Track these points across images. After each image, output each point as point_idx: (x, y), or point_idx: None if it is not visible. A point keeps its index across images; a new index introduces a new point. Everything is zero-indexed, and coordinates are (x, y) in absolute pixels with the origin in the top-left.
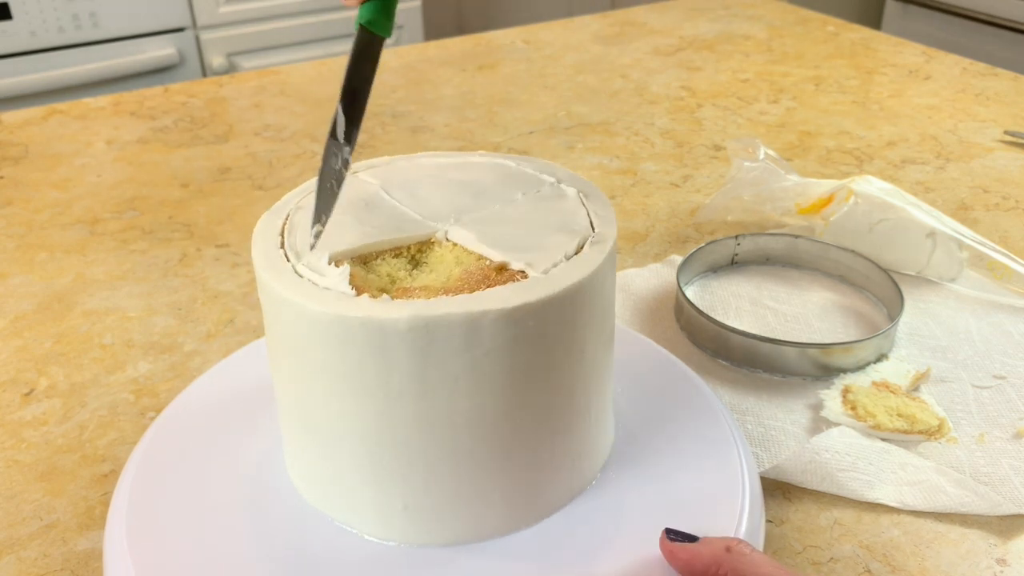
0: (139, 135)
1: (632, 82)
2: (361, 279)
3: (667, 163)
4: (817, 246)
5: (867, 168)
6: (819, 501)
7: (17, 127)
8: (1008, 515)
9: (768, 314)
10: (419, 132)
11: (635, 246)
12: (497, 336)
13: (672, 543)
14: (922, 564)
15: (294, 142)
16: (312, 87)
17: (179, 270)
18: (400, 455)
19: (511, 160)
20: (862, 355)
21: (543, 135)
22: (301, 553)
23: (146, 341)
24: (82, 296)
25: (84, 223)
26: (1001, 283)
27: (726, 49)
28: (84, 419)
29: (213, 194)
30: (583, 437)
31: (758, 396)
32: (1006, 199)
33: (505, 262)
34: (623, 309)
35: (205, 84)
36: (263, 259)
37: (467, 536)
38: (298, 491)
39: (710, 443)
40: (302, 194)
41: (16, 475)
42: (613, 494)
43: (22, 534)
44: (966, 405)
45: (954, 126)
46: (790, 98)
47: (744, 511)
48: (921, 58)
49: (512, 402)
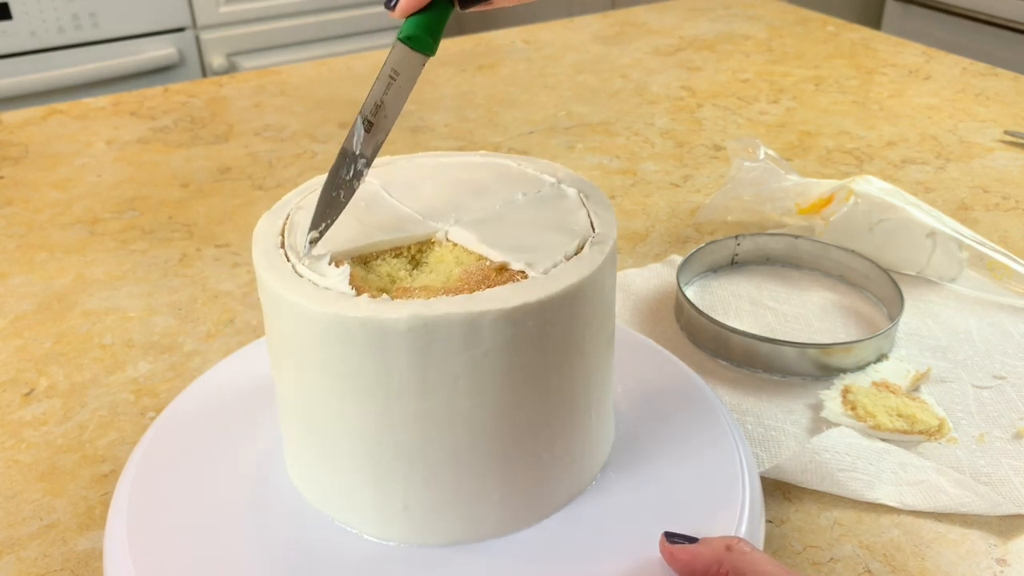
0: (139, 135)
1: (632, 82)
2: (361, 279)
3: (667, 163)
4: (817, 246)
5: (867, 168)
6: (819, 501)
7: (17, 127)
8: (1008, 515)
9: (768, 314)
10: (419, 132)
11: (635, 246)
12: (497, 336)
13: (672, 545)
14: (922, 564)
15: (294, 142)
16: (312, 87)
17: (179, 270)
18: (400, 455)
19: (511, 160)
20: (862, 355)
21: (543, 135)
22: (301, 553)
23: (146, 341)
24: (82, 296)
25: (84, 223)
26: (1001, 283)
27: (726, 49)
28: (84, 419)
29: (213, 194)
30: (583, 437)
31: (758, 396)
32: (1006, 199)
33: (505, 262)
34: (623, 309)
35: (205, 84)
36: (263, 259)
37: (467, 536)
38: (298, 491)
39: (710, 443)
40: (302, 194)
41: (16, 475)
42: (613, 494)
43: (22, 534)
44: (966, 405)
45: (954, 126)
46: (790, 98)
47: (744, 511)
48: (921, 58)
49: (512, 402)
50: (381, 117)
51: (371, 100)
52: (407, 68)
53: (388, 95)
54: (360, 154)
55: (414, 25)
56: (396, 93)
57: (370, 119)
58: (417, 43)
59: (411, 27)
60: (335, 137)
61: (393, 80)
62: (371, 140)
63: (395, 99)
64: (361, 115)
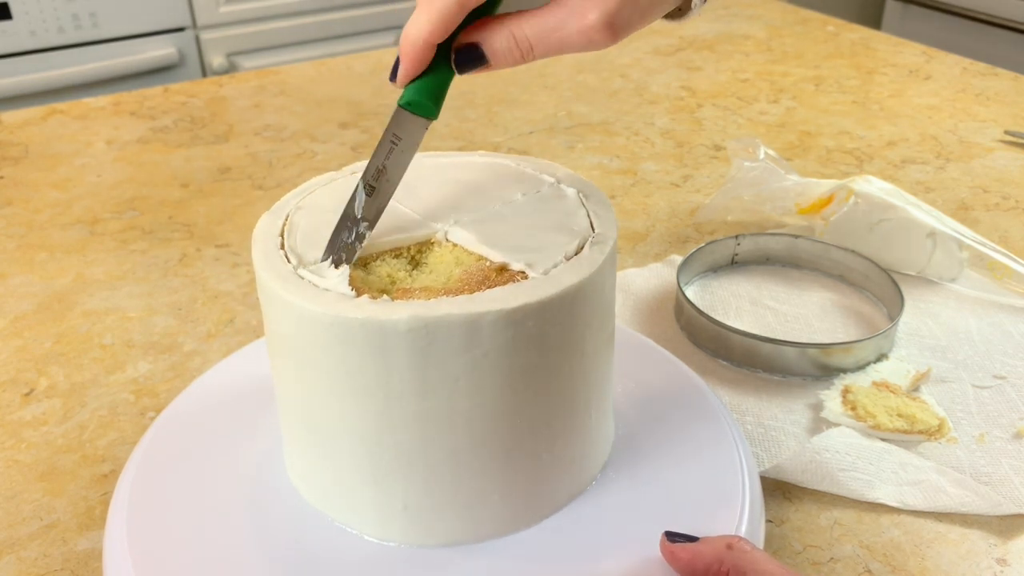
0: (139, 135)
1: (632, 82)
2: (360, 280)
3: (667, 163)
4: (817, 246)
5: (867, 168)
6: (819, 501)
7: (17, 127)
8: (1008, 515)
9: (768, 314)
10: None
11: (635, 246)
12: (497, 337)
13: (673, 544)
14: (922, 564)
15: (294, 142)
16: (312, 87)
17: (179, 270)
18: (400, 455)
19: (511, 160)
20: (862, 355)
21: (543, 135)
22: (301, 553)
23: (146, 341)
24: (82, 296)
25: (84, 223)
26: (1001, 283)
27: (726, 49)
28: (84, 419)
29: (213, 194)
30: (583, 437)
31: (758, 396)
32: (1006, 199)
33: (505, 263)
34: (623, 309)
35: (205, 84)
36: (263, 260)
37: (467, 536)
38: (298, 491)
39: (710, 443)
40: (302, 194)
41: (16, 475)
42: (613, 494)
43: (22, 534)
44: (966, 405)
45: (954, 126)
46: (790, 98)
47: (744, 511)
48: (921, 58)
49: (512, 403)
50: (383, 181)
51: (373, 165)
52: (409, 133)
53: (390, 159)
54: (363, 218)
55: (414, 90)
56: (398, 157)
57: (372, 183)
58: (418, 108)
59: (411, 92)
60: (335, 137)
61: (395, 145)
62: (373, 204)
63: (397, 163)
64: (363, 180)
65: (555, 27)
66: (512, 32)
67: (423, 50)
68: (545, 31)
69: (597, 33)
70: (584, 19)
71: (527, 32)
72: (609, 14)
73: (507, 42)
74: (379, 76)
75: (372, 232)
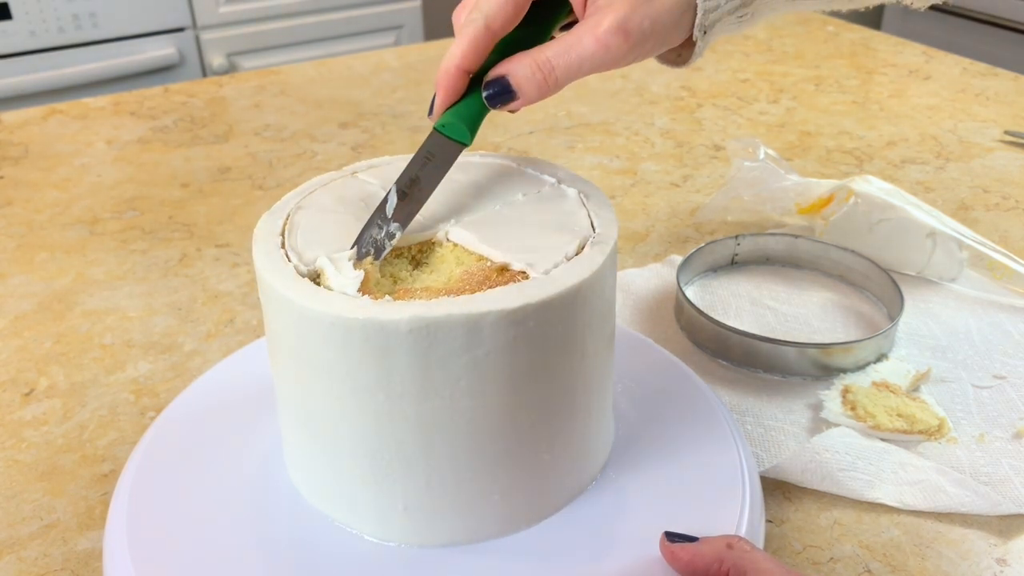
0: (139, 135)
1: (632, 82)
2: (375, 283)
3: (667, 163)
4: (817, 246)
5: (867, 168)
6: (819, 501)
7: (17, 127)
8: (1008, 515)
9: (768, 314)
10: (419, 132)
11: (635, 246)
12: (498, 337)
13: (672, 544)
14: (922, 564)
15: (294, 142)
16: (312, 87)
17: (179, 270)
18: (400, 455)
19: (511, 160)
20: (862, 355)
21: (543, 135)
22: (301, 553)
23: (146, 341)
24: (82, 296)
25: (84, 223)
26: (1001, 283)
27: (726, 49)
28: (84, 419)
29: (213, 194)
30: (583, 437)
31: (758, 396)
32: (1006, 199)
33: (506, 263)
34: (623, 309)
35: (205, 84)
36: (264, 260)
37: (467, 536)
38: (298, 491)
39: (710, 443)
40: (302, 194)
41: (16, 475)
42: (613, 494)
43: (22, 534)
44: (966, 405)
45: (954, 126)
46: (790, 98)
47: (744, 511)
48: (921, 58)
49: (513, 403)
50: (416, 190)
51: (407, 175)
52: (442, 153)
53: (424, 172)
54: (393, 218)
55: (450, 114)
56: (432, 172)
57: (405, 190)
58: (452, 130)
59: (447, 116)
60: (335, 137)
61: (429, 160)
62: (404, 208)
63: (431, 176)
64: (396, 185)
65: (572, 44)
66: (534, 58)
67: (456, 77)
68: (563, 50)
69: (611, 37)
70: (598, 28)
71: (548, 54)
72: (621, 19)
73: (529, 68)
74: (379, 76)
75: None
